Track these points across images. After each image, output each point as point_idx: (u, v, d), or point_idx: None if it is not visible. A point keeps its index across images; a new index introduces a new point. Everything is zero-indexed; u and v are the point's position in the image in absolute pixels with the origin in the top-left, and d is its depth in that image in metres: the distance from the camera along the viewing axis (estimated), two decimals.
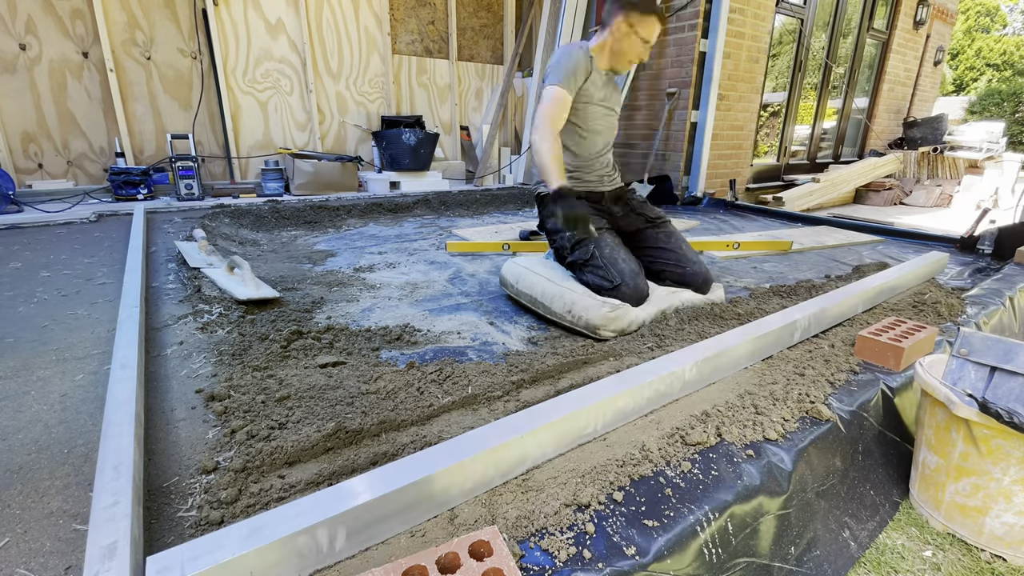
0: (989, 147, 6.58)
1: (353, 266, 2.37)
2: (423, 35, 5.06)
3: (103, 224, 3.03)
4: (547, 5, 4.92)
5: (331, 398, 1.15)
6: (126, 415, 0.95)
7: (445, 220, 3.65)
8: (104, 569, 0.62)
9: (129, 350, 1.24)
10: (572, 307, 1.62)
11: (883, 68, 6.42)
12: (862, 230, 3.34)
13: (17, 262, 2.21)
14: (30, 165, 3.65)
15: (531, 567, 0.75)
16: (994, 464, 1.09)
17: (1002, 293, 2.06)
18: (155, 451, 0.97)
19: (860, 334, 1.49)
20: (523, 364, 1.37)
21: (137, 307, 1.53)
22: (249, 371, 1.27)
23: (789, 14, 5.01)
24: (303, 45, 4.37)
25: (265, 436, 1.00)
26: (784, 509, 1.01)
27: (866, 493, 1.23)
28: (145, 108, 3.91)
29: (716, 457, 1.02)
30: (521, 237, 3.02)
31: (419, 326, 1.66)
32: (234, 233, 2.92)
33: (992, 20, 20.29)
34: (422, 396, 1.18)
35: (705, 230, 3.41)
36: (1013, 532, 1.10)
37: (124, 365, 1.16)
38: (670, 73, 4.41)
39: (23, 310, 1.68)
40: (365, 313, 1.77)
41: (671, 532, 0.83)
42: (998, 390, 1.20)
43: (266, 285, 1.85)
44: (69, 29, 3.56)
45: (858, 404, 1.30)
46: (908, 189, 6.28)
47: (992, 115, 13.49)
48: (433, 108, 5.29)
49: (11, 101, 3.48)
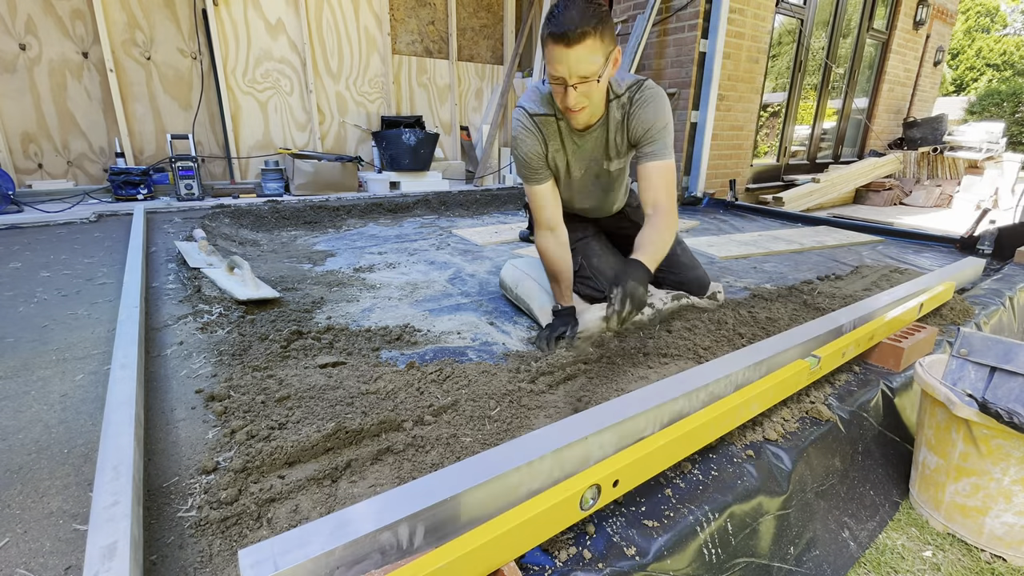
0: (989, 147, 6.58)
1: (353, 266, 2.37)
2: (423, 35, 5.07)
3: (103, 224, 3.03)
4: (547, 5, 4.92)
5: (331, 398, 1.15)
6: (126, 415, 0.95)
7: (445, 220, 3.65)
8: (104, 569, 0.62)
9: (129, 350, 1.24)
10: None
11: (883, 68, 6.42)
12: (862, 230, 3.34)
13: (17, 262, 2.21)
14: (30, 165, 3.65)
15: (531, 567, 0.75)
16: (994, 464, 1.09)
17: (1002, 293, 2.06)
18: (155, 451, 0.97)
19: None
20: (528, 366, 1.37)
21: (137, 307, 1.53)
22: (249, 371, 1.27)
23: (789, 14, 5.01)
24: (303, 45, 4.37)
25: (265, 436, 1.00)
26: (784, 509, 1.01)
27: (866, 493, 1.23)
28: (145, 108, 3.91)
29: (716, 457, 1.02)
30: (521, 237, 3.02)
31: (419, 326, 1.66)
32: (234, 233, 2.92)
33: (992, 20, 20.30)
34: (422, 396, 1.18)
35: (705, 230, 3.41)
36: (1013, 532, 1.10)
37: (124, 365, 1.16)
38: (670, 73, 4.41)
39: (23, 310, 1.68)
40: (365, 313, 1.77)
41: (671, 532, 0.83)
42: (998, 390, 1.20)
43: (266, 285, 1.85)
44: (69, 29, 3.56)
45: (858, 404, 1.30)
46: (908, 189, 6.28)
47: (992, 115, 13.50)
48: (433, 108, 5.29)
49: (11, 101, 3.48)
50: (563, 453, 0.82)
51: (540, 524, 0.73)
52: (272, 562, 0.60)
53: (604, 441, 0.89)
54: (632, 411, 0.93)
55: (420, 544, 0.71)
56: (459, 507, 0.72)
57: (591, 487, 0.78)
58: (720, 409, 0.99)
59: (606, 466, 0.81)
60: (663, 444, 0.88)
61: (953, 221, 5.03)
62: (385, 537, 0.67)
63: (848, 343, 1.33)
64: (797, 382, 1.18)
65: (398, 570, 0.62)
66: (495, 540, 0.67)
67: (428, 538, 0.71)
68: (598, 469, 0.80)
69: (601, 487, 0.79)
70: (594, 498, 0.79)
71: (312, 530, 0.66)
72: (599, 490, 0.79)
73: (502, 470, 0.76)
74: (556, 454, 0.81)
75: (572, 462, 0.85)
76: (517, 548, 0.71)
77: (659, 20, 4.34)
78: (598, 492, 0.79)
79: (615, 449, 0.91)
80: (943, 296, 1.82)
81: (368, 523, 0.66)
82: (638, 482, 0.87)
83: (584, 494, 0.77)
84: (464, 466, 0.77)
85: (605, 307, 1.35)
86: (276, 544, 0.63)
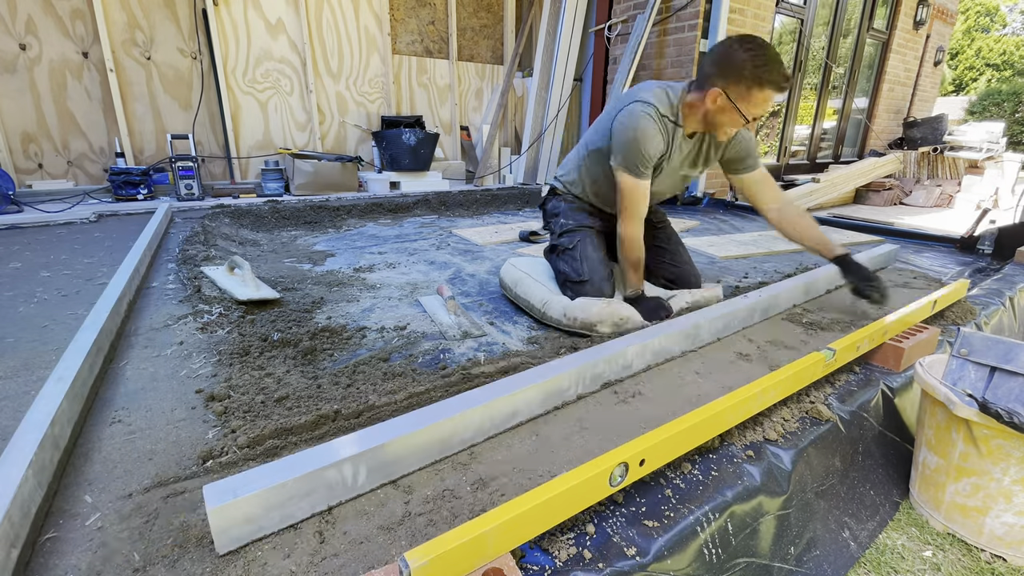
0: (989, 147, 6.58)
1: (353, 266, 2.37)
2: (423, 35, 5.06)
3: (103, 224, 3.03)
4: (547, 5, 4.92)
5: (328, 396, 1.15)
6: (30, 440, 0.84)
7: (445, 220, 3.65)
8: None
9: (73, 361, 1.11)
10: (567, 310, 1.65)
11: (883, 68, 6.42)
12: (862, 230, 3.34)
13: (17, 262, 2.21)
14: (30, 165, 3.65)
15: (531, 567, 0.75)
16: (994, 464, 1.09)
17: (1002, 293, 2.06)
18: (155, 451, 0.97)
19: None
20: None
21: (107, 312, 1.40)
22: (248, 371, 1.27)
23: (789, 14, 5.01)
24: (303, 45, 4.37)
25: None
26: (784, 509, 1.01)
27: (866, 493, 1.23)
28: (145, 108, 3.91)
29: (716, 457, 1.02)
30: (521, 237, 3.02)
31: (419, 326, 1.66)
32: (234, 233, 2.92)
33: (992, 20, 20.29)
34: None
35: (705, 230, 3.41)
36: (1013, 532, 1.10)
37: (60, 379, 1.04)
38: (670, 73, 4.41)
39: (23, 310, 1.68)
40: (365, 313, 1.76)
41: (671, 532, 0.83)
42: (998, 390, 1.20)
43: (266, 286, 1.85)
44: (69, 29, 3.56)
45: (858, 404, 1.30)
46: (908, 189, 6.27)
47: (992, 115, 13.49)
48: (433, 108, 5.29)
49: (11, 101, 3.48)
50: (493, 406, 1.00)
51: (573, 497, 0.77)
52: (232, 492, 0.72)
53: (529, 397, 1.07)
54: (553, 373, 1.11)
55: (364, 482, 0.84)
56: (393, 451, 0.87)
57: (619, 464, 0.82)
58: (741, 396, 1.03)
59: (633, 446, 0.86)
60: (687, 427, 0.93)
61: (953, 221, 5.03)
62: (331, 474, 0.80)
63: (862, 337, 1.36)
64: (813, 373, 1.23)
65: (440, 538, 0.66)
66: (531, 511, 0.72)
67: (371, 477, 0.85)
68: (626, 448, 0.85)
69: (629, 465, 0.84)
70: (622, 475, 0.83)
71: (269, 468, 0.77)
72: (627, 468, 0.84)
73: (429, 422, 0.91)
74: (486, 407, 0.99)
75: (502, 415, 1.03)
76: (550, 520, 0.76)
77: (659, 20, 4.34)
78: (626, 470, 0.84)
79: (540, 407, 1.10)
80: (956, 294, 1.84)
81: (316, 461, 0.79)
82: (663, 462, 0.92)
83: (613, 471, 0.82)
84: (401, 420, 0.92)
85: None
86: (238, 480, 0.75)
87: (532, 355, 1.41)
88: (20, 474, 0.76)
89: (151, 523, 0.80)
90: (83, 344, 1.20)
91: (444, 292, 1.79)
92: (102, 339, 1.30)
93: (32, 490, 0.78)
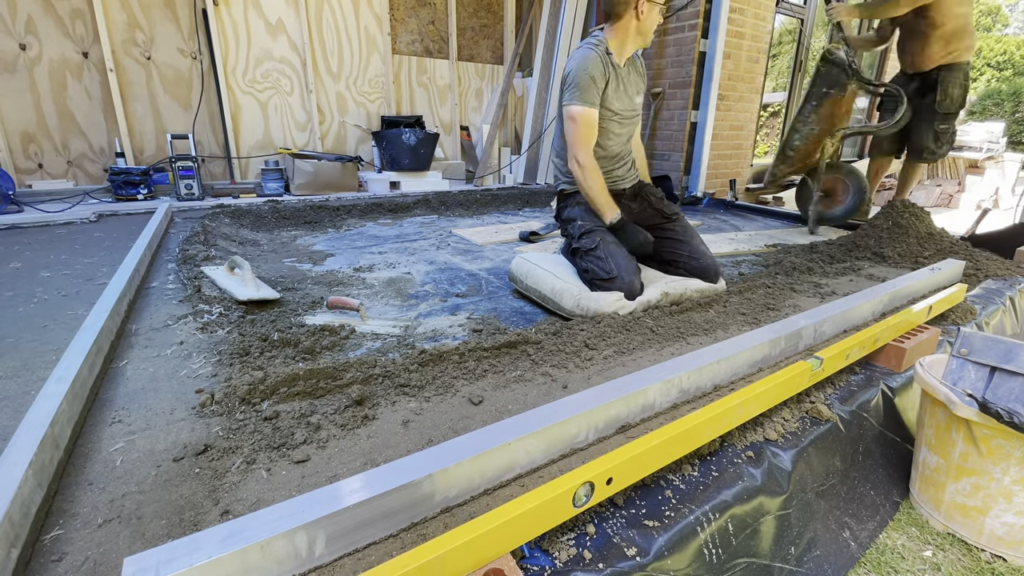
0: (989, 147, 6.58)
1: (353, 266, 2.37)
2: (423, 35, 5.06)
3: (103, 224, 3.03)
4: (547, 5, 4.92)
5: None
6: (30, 440, 0.84)
7: (445, 220, 3.65)
8: None
9: (73, 361, 1.11)
10: (579, 300, 1.70)
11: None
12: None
13: (17, 262, 2.21)
14: (30, 165, 3.65)
15: (531, 567, 0.75)
16: (994, 464, 1.09)
17: (1002, 293, 2.06)
18: (155, 451, 0.97)
19: None
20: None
21: (108, 312, 1.41)
22: (249, 371, 1.27)
23: (789, 14, 5.01)
24: (303, 45, 4.37)
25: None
26: (784, 509, 1.01)
27: (866, 493, 1.23)
28: (145, 108, 3.91)
29: (716, 457, 1.02)
30: (521, 238, 3.02)
31: (418, 327, 1.66)
32: (234, 233, 2.91)
33: (992, 20, 20.29)
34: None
35: (705, 229, 3.41)
36: (1013, 532, 1.10)
37: (60, 379, 1.04)
38: (670, 73, 4.41)
39: (23, 310, 1.68)
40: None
41: (671, 532, 0.83)
42: (998, 390, 1.20)
43: (266, 286, 1.85)
44: (69, 29, 3.56)
45: (858, 404, 1.30)
46: None
47: (992, 115, 13.48)
48: (433, 108, 5.29)
49: (11, 101, 3.48)
50: (481, 460, 0.81)
51: (532, 520, 0.72)
52: (155, 570, 0.58)
53: (530, 447, 0.88)
54: (560, 416, 0.91)
55: (322, 552, 0.68)
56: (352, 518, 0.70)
57: (584, 484, 0.78)
58: (717, 409, 0.98)
59: (600, 464, 0.81)
60: (658, 443, 0.87)
61: (953, 221, 5.02)
62: (279, 545, 0.64)
63: (852, 345, 1.33)
64: (798, 384, 1.18)
65: (382, 566, 0.62)
66: (487, 534, 0.67)
67: (331, 546, 0.69)
68: (592, 467, 0.80)
69: (595, 484, 0.79)
70: (587, 495, 0.79)
71: (203, 537, 0.62)
72: (592, 487, 0.80)
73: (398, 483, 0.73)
74: (474, 460, 0.80)
75: (494, 469, 0.83)
76: (509, 543, 0.71)
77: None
78: (591, 489, 0.80)
79: (543, 456, 0.90)
80: (954, 299, 1.83)
81: (262, 531, 0.63)
82: (633, 480, 0.86)
83: (577, 491, 0.77)
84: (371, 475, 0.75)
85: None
86: (163, 552, 0.61)
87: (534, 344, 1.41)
88: (20, 474, 0.76)
89: (151, 523, 0.80)
90: (83, 344, 1.20)
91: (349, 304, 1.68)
92: (102, 339, 1.30)
93: (32, 490, 0.78)
